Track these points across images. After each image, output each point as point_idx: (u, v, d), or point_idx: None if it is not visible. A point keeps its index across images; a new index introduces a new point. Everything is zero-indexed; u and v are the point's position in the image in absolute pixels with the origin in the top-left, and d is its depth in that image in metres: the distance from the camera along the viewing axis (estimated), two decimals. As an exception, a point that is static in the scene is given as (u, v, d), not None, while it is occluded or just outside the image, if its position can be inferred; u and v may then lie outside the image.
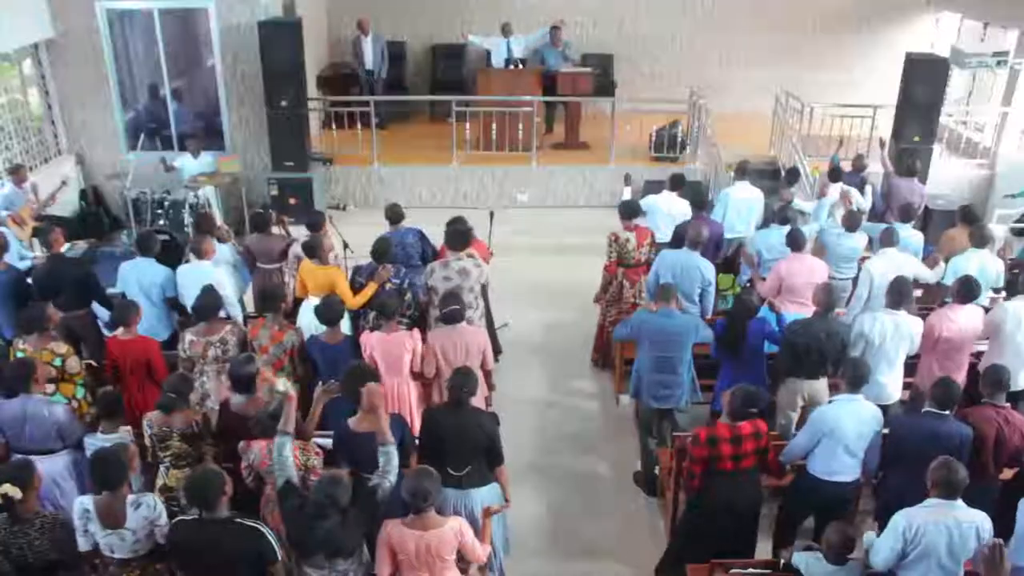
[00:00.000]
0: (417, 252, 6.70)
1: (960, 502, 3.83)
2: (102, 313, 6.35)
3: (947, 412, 4.53)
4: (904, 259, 6.39)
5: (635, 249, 6.82)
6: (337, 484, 3.63)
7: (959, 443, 4.45)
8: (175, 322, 6.41)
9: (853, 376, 4.64)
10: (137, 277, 6.18)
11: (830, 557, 3.97)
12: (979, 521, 3.83)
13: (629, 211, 6.90)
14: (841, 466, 4.65)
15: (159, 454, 4.46)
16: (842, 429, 4.56)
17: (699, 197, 7.29)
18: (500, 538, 4.78)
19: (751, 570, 4.38)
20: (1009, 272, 6.23)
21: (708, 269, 6.33)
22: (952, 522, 3.79)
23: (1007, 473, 4.77)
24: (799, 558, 4.08)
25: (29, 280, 6.44)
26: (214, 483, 3.62)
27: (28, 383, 4.61)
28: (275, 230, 7.12)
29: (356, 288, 6.08)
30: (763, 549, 5.06)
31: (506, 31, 11.68)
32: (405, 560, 3.79)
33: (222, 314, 5.93)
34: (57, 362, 5.22)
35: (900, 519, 3.85)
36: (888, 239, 6.42)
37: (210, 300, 5.39)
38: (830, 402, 4.81)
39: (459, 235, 6.10)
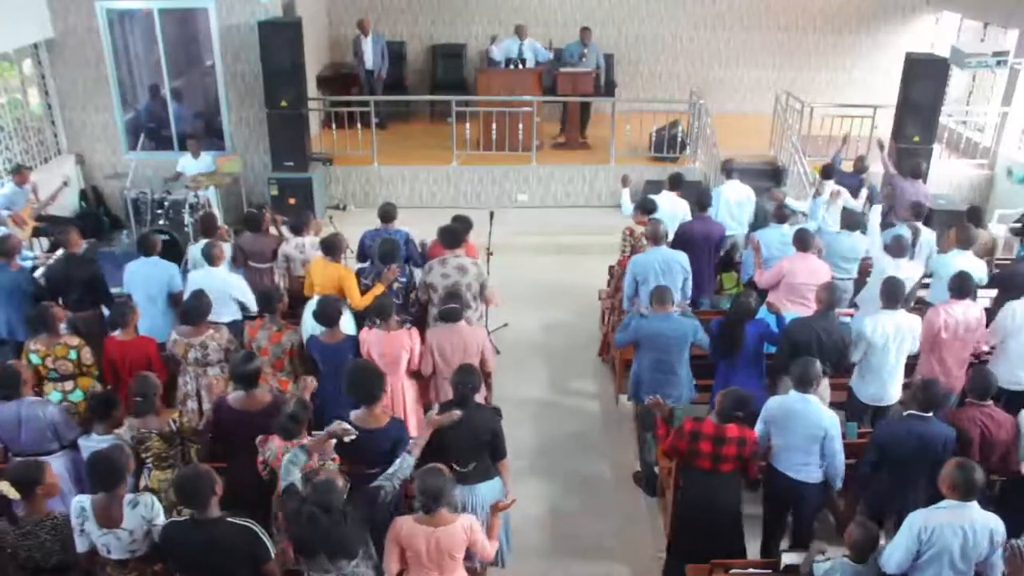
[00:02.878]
0: (401, 255, 6.67)
1: (975, 504, 3.81)
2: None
3: (930, 414, 4.52)
4: (916, 267, 6.39)
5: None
6: (332, 491, 3.62)
7: (943, 444, 4.45)
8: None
9: (797, 376, 4.62)
10: (143, 277, 6.18)
11: (855, 556, 3.92)
12: (993, 524, 3.81)
13: (646, 207, 6.92)
14: (793, 463, 4.65)
15: (141, 456, 4.44)
16: (786, 425, 4.57)
17: (701, 198, 7.29)
18: (504, 535, 4.78)
19: (751, 570, 4.38)
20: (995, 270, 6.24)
21: (685, 260, 6.34)
22: (967, 524, 3.77)
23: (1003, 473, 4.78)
24: (819, 568, 4.03)
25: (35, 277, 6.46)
26: (204, 483, 3.59)
27: (18, 389, 4.62)
28: (272, 230, 7.11)
29: (362, 290, 6.07)
30: (754, 550, 5.07)
31: (520, 33, 11.66)
32: (414, 557, 3.78)
33: (225, 318, 5.96)
34: (72, 355, 5.24)
35: (916, 520, 3.82)
36: (899, 249, 6.31)
37: (199, 304, 5.36)
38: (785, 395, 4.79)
39: (452, 233, 6.09)
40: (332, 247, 6.07)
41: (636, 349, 5.68)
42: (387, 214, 6.77)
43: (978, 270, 6.25)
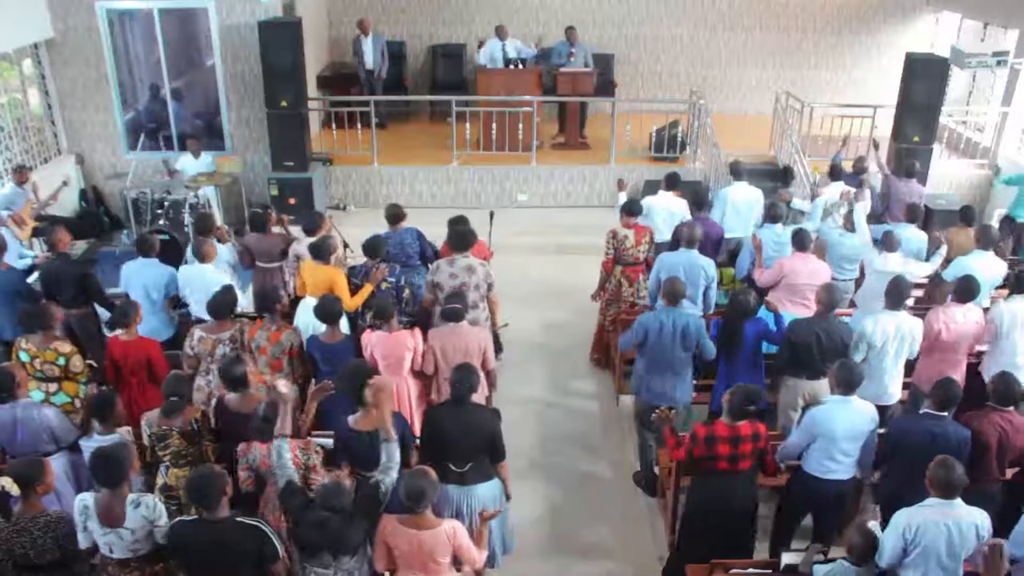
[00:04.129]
0: (416, 252, 6.70)
1: (959, 501, 3.83)
2: (105, 314, 6.35)
3: (945, 413, 4.52)
4: (905, 262, 6.38)
5: (633, 247, 6.83)
6: (340, 494, 3.65)
7: (957, 444, 4.44)
8: (177, 322, 6.43)
9: (845, 379, 4.61)
10: (140, 278, 6.18)
11: (853, 559, 3.92)
12: (978, 520, 3.84)
13: (631, 209, 6.92)
14: (836, 465, 4.65)
15: (158, 454, 4.46)
16: (835, 431, 4.56)
17: (699, 197, 7.29)
18: (499, 538, 4.78)
19: (751, 570, 4.38)
20: (1010, 269, 6.24)
21: (710, 267, 6.35)
22: (951, 521, 3.80)
23: (1008, 473, 4.76)
24: (819, 570, 4.04)
25: (29, 280, 6.46)
26: (215, 483, 3.62)
27: (12, 391, 4.62)
28: (276, 229, 7.12)
29: (352, 289, 6.07)
30: (761, 549, 5.07)
31: (500, 34, 11.67)
32: (401, 557, 3.79)
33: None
34: (61, 361, 5.23)
35: (900, 518, 3.86)
36: (890, 244, 6.36)
37: (226, 298, 5.37)
38: (823, 403, 4.79)
39: (463, 237, 6.07)
40: (320, 250, 6.07)
41: (640, 346, 5.63)
42: (394, 216, 6.77)
43: (998, 270, 6.24)
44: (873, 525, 4.07)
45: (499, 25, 11.80)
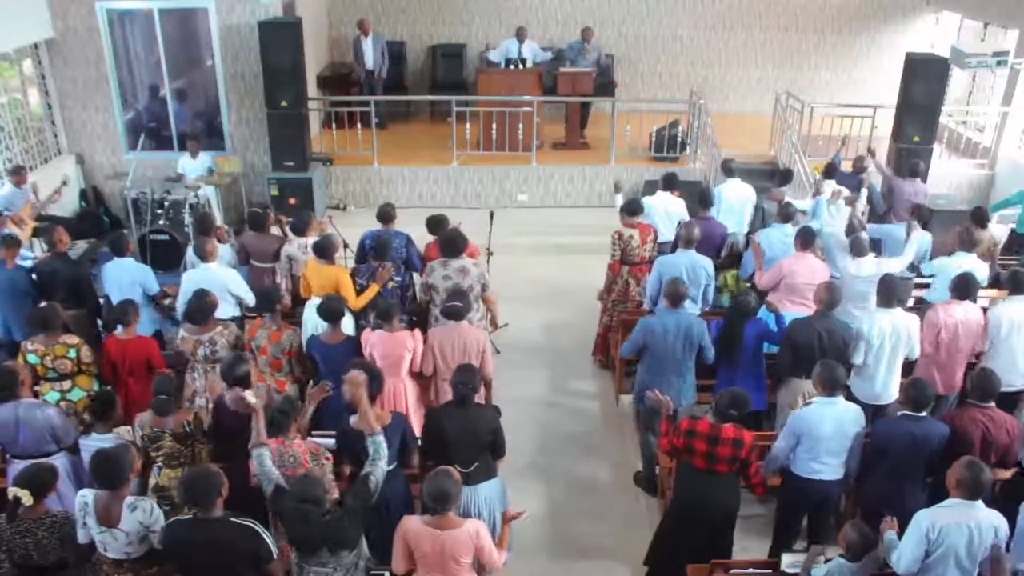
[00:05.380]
0: (401, 257, 6.64)
1: (980, 503, 3.82)
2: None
3: (924, 414, 4.52)
4: (878, 263, 6.35)
5: (639, 246, 6.83)
6: (313, 484, 3.64)
7: (937, 443, 4.46)
8: (159, 319, 6.47)
9: (827, 379, 4.60)
10: (117, 277, 6.20)
11: (850, 556, 3.92)
12: (997, 523, 3.83)
13: (631, 209, 6.91)
14: (823, 466, 4.65)
15: (151, 455, 4.46)
16: (820, 431, 4.56)
17: (704, 196, 7.29)
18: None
19: (751, 570, 4.38)
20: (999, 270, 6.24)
21: (709, 265, 6.37)
22: (972, 523, 3.78)
23: (1004, 473, 4.77)
24: (818, 571, 4.04)
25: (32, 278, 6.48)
26: (212, 482, 3.62)
27: (15, 389, 4.61)
28: (273, 230, 7.12)
29: (358, 290, 6.07)
30: (761, 550, 5.07)
31: (521, 35, 11.67)
32: (421, 558, 3.78)
33: (223, 315, 5.95)
34: (72, 353, 5.26)
35: (923, 520, 3.83)
36: (860, 249, 6.24)
37: (203, 304, 5.36)
38: (808, 403, 4.77)
39: (454, 242, 6.01)
40: (324, 249, 6.07)
41: (642, 351, 5.61)
42: (386, 215, 6.77)
43: (980, 271, 6.24)
44: (890, 535, 4.05)
45: (520, 27, 11.82)
